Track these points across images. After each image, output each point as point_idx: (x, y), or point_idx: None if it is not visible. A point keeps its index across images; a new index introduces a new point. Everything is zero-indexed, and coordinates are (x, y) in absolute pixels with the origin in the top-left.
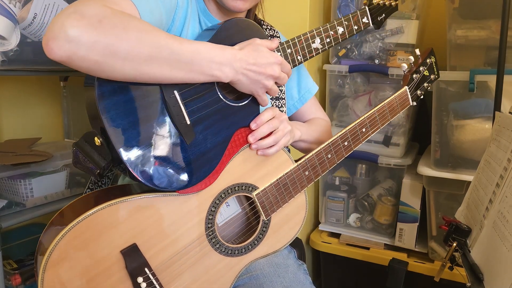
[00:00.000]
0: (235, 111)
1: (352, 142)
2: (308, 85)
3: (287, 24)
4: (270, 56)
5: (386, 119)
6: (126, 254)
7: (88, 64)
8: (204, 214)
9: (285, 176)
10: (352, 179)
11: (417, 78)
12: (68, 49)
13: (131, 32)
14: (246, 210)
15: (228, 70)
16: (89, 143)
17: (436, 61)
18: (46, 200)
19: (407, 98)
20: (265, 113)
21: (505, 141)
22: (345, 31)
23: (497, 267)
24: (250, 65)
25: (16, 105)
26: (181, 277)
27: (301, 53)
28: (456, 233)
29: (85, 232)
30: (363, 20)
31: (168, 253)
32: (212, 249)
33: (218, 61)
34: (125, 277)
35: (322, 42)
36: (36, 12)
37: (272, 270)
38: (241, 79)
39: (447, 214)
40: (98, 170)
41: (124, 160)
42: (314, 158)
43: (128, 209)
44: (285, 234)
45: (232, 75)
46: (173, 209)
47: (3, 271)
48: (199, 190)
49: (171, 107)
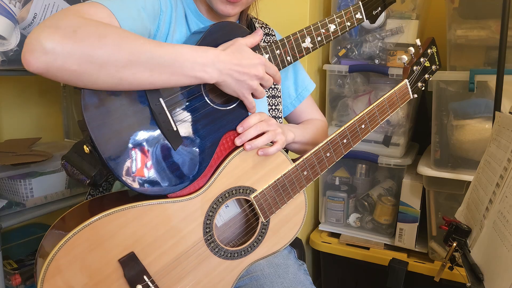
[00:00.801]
0: (223, 115)
1: (351, 139)
2: (305, 82)
3: (287, 24)
4: (253, 57)
5: (385, 114)
6: (124, 263)
7: (65, 74)
8: (202, 219)
9: (283, 177)
10: (352, 179)
11: (417, 70)
12: (44, 61)
13: (106, 39)
14: (246, 211)
15: (211, 71)
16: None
17: (438, 51)
18: (46, 200)
19: (407, 91)
20: (252, 116)
21: (505, 141)
22: (337, 28)
23: (497, 267)
24: (234, 66)
25: (16, 105)
26: (181, 282)
27: (291, 53)
28: (456, 233)
29: (83, 242)
30: (357, 16)
31: (166, 260)
32: (211, 253)
33: (201, 62)
34: (124, 285)
35: (313, 41)
36: (36, 12)
37: (272, 270)
38: (226, 80)
39: (447, 214)
40: (88, 180)
41: (112, 168)
42: (313, 158)
43: (124, 218)
44: (284, 235)
45: (217, 76)
46: (169, 215)
47: (3, 271)
48: (190, 193)
49: (157, 115)
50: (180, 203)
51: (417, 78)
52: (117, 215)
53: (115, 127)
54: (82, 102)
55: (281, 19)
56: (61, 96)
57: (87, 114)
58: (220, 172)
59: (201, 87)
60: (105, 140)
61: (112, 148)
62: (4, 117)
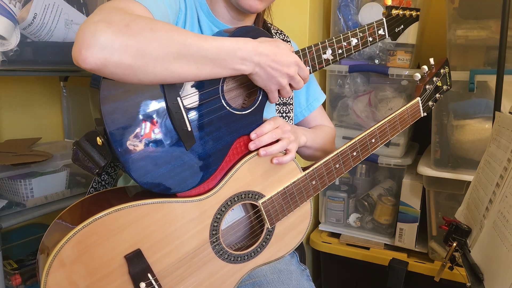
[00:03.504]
0: (237, 119)
1: (361, 153)
2: (317, 93)
3: (286, 24)
4: (289, 55)
5: (396, 130)
6: (129, 259)
7: (121, 69)
8: (210, 221)
9: (292, 185)
10: (352, 179)
11: (430, 89)
12: (102, 56)
13: (158, 33)
14: (251, 217)
15: (249, 63)
16: (91, 142)
17: (450, 71)
18: (46, 200)
19: (418, 109)
20: (266, 124)
21: (505, 141)
22: (359, 43)
23: (497, 267)
24: (269, 61)
25: (16, 105)
26: (184, 283)
27: (311, 64)
28: (456, 233)
29: (91, 236)
30: (379, 32)
31: (172, 259)
32: (215, 256)
33: (241, 56)
34: (128, 281)
35: (334, 53)
36: (36, 12)
37: (275, 277)
38: (259, 72)
39: (447, 214)
40: (97, 169)
41: (123, 162)
42: (322, 168)
43: (134, 215)
44: (288, 242)
45: (252, 68)
46: (178, 215)
47: (3, 271)
48: (199, 194)
49: (173, 113)
50: (190, 203)
51: (429, 97)
52: (127, 211)
53: (131, 121)
54: (101, 94)
55: (281, 22)
56: (61, 96)
57: (104, 108)
58: (231, 175)
59: (219, 89)
60: (119, 134)
61: (125, 143)
62: (4, 117)
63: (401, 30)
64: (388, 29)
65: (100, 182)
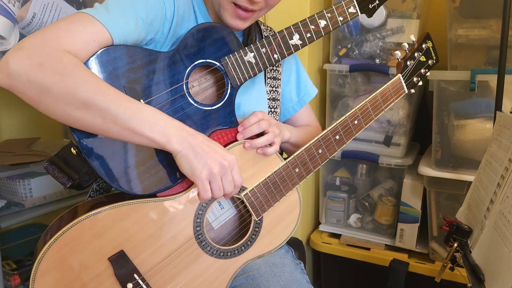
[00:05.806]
0: (207, 115)
1: (344, 136)
2: (308, 87)
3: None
4: (226, 152)
5: (379, 109)
6: (114, 261)
7: (26, 98)
8: (192, 217)
9: (273, 175)
10: (353, 179)
11: (411, 65)
12: (8, 83)
13: (68, 80)
14: (241, 211)
15: (174, 138)
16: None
17: (434, 46)
18: (45, 200)
19: (401, 86)
20: (252, 116)
21: (506, 141)
22: (329, 24)
23: (498, 267)
24: (200, 142)
25: (15, 105)
26: (173, 281)
27: (278, 50)
28: (457, 233)
29: (71, 242)
30: (350, 10)
31: (157, 258)
32: (202, 251)
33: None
34: (115, 283)
35: (302, 38)
36: (35, 12)
37: (268, 269)
38: (187, 151)
39: (448, 215)
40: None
41: (96, 169)
42: (304, 154)
43: (113, 217)
44: (279, 234)
45: (179, 144)
46: (159, 213)
47: (2, 271)
48: (179, 192)
49: None
50: (169, 201)
51: (412, 72)
52: (105, 213)
53: None
54: None
55: (281, 17)
56: None
57: None
58: None
59: (183, 87)
60: (89, 141)
61: (96, 149)
62: (3, 117)
63: (376, 6)
64: (360, 5)
65: (98, 190)
